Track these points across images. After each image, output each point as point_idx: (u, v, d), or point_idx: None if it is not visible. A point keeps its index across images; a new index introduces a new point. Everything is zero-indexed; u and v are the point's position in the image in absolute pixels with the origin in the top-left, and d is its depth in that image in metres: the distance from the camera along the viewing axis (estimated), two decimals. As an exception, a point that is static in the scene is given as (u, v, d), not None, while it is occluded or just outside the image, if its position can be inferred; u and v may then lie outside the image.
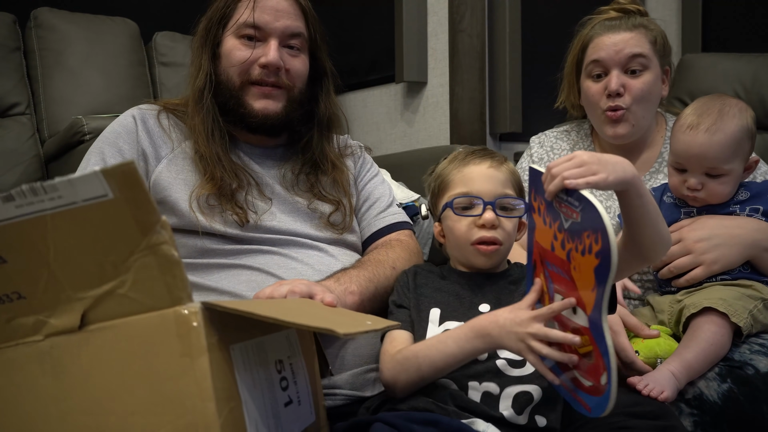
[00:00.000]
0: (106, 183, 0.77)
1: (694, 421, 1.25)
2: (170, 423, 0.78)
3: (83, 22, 2.68)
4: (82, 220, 0.79)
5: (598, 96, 1.58)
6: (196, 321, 0.79)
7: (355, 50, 3.16)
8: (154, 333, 0.80)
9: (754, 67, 2.32)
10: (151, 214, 0.79)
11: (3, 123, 2.52)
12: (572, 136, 1.74)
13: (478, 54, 2.74)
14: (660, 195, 1.50)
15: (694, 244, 1.41)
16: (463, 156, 1.26)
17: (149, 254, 0.80)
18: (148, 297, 0.80)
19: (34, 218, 0.79)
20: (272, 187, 1.40)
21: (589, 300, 0.94)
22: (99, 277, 0.81)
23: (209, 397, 0.78)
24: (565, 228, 0.96)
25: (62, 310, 0.82)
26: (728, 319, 1.30)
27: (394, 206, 1.55)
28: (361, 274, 1.31)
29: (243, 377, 0.85)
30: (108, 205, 0.78)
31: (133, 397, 0.80)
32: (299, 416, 0.97)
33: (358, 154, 1.58)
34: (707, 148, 1.38)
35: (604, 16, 1.62)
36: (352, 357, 1.26)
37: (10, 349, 0.84)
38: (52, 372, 0.82)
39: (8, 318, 0.83)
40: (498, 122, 2.78)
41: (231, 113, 1.40)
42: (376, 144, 3.01)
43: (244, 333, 0.88)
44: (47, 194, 0.78)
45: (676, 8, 2.87)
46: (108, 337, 0.81)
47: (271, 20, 1.39)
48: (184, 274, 0.80)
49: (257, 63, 1.38)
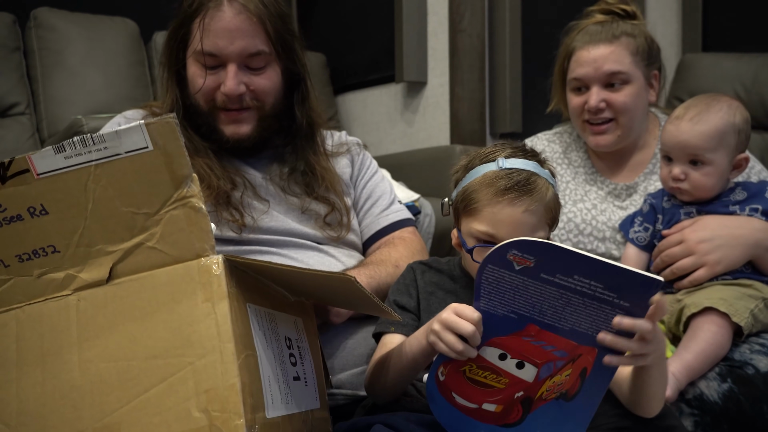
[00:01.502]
0: (147, 135, 0.82)
1: (694, 421, 1.25)
2: (190, 364, 0.81)
3: (83, 21, 2.68)
4: (121, 171, 0.83)
5: (579, 109, 1.60)
6: (218, 269, 0.83)
7: (355, 50, 3.16)
8: (178, 282, 0.84)
9: (754, 67, 2.32)
10: (184, 168, 0.84)
11: (3, 123, 2.52)
12: (565, 138, 1.74)
13: (478, 54, 2.74)
14: (660, 200, 1.50)
15: (697, 245, 1.40)
16: (503, 187, 1.09)
17: (179, 206, 0.84)
18: (175, 249, 0.85)
19: (78, 169, 0.84)
20: (266, 188, 1.39)
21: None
22: (130, 229, 0.85)
23: (228, 338, 0.81)
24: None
25: (92, 264, 0.86)
26: (729, 319, 1.30)
27: (395, 203, 1.54)
28: (362, 272, 1.31)
29: (258, 334, 0.88)
30: (147, 156, 0.83)
31: (154, 341, 0.83)
32: (305, 395, 0.98)
33: (356, 151, 1.55)
34: (689, 136, 1.40)
35: (591, 21, 1.61)
36: (351, 357, 1.26)
37: (39, 305, 0.87)
38: (76, 323, 0.85)
39: (41, 272, 0.87)
40: (498, 122, 2.78)
41: (206, 136, 1.37)
42: (376, 144, 3.01)
43: (258, 298, 0.91)
44: (95, 145, 0.83)
45: (676, 8, 2.86)
46: (133, 288, 0.85)
47: (226, 44, 1.30)
48: (209, 226, 0.85)
49: (219, 90, 1.33)
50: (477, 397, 0.97)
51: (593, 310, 0.89)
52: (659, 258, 1.45)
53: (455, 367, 0.97)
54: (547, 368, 0.94)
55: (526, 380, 0.95)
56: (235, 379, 0.80)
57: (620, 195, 1.63)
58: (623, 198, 1.62)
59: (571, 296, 0.89)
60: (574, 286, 0.88)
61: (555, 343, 0.93)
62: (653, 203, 1.50)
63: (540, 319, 0.92)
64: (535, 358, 0.94)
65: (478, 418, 0.98)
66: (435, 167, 2.48)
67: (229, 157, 1.40)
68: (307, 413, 0.98)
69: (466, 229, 1.13)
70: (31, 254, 0.86)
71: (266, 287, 0.96)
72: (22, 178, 0.84)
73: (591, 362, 0.91)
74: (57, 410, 0.83)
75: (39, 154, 0.83)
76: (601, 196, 1.63)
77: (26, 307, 0.87)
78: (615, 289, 0.87)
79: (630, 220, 1.54)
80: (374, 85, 3.11)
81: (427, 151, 2.65)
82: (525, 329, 0.94)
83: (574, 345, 0.92)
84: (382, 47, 3.01)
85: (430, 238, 2.17)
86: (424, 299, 1.18)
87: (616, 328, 0.89)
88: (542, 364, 0.94)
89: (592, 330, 0.90)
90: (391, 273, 1.33)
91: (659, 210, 1.49)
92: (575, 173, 1.68)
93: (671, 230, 1.45)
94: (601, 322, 0.89)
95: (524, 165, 1.12)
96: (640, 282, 0.86)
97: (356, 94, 3.19)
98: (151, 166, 0.83)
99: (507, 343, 0.95)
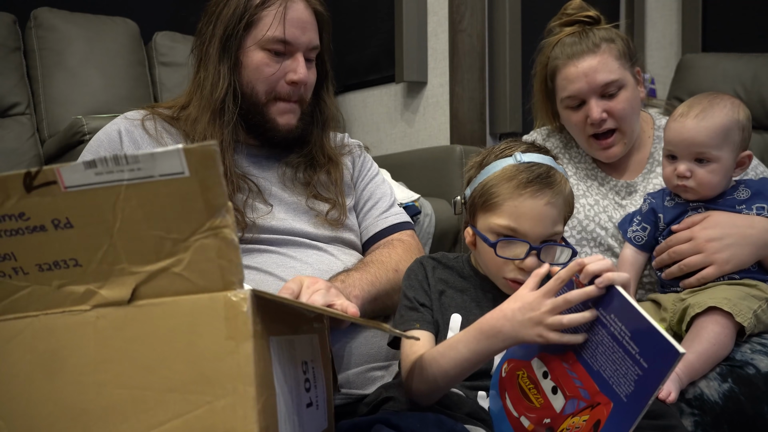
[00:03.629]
0: (185, 161, 0.79)
1: (695, 421, 1.25)
2: (208, 403, 0.79)
3: (83, 22, 2.68)
4: (153, 194, 0.81)
5: (581, 125, 1.57)
6: (245, 307, 0.80)
7: (355, 50, 3.17)
8: (202, 314, 0.81)
9: (754, 67, 2.33)
10: (220, 197, 0.80)
11: (3, 123, 2.52)
12: (564, 134, 1.74)
13: (478, 54, 2.74)
14: (662, 200, 1.50)
15: (706, 243, 1.40)
16: (525, 180, 1.09)
17: (210, 236, 0.81)
18: (202, 278, 0.82)
19: (109, 187, 0.81)
20: (271, 190, 1.40)
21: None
22: (157, 253, 0.82)
23: (251, 381, 0.79)
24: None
25: (115, 282, 0.83)
26: (732, 319, 1.30)
27: (395, 206, 1.55)
28: (364, 278, 1.30)
29: (277, 370, 0.86)
30: (182, 182, 0.80)
31: (172, 373, 0.80)
32: (316, 420, 0.97)
33: (358, 153, 1.56)
34: (695, 132, 1.39)
35: (560, 36, 1.59)
36: (354, 356, 1.26)
37: (56, 316, 0.84)
38: (93, 342, 0.83)
39: (60, 284, 0.84)
40: (498, 122, 2.78)
41: (253, 126, 1.39)
42: (376, 144, 3.02)
43: (280, 327, 0.89)
44: (128, 165, 0.80)
45: (676, 8, 2.87)
46: (155, 313, 0.82)
47: (299, 35, 1.36)
48: (240, 259, 0.82)
49: (285, 79, 1.36)
50: (520, 407, 0.98)
51: (619, 359, 0.87)
52: (666, 253, 1.44)
53: (515, 369, 0.98)
54: (572, 404, 0.93)
55: (555, 408, 0.94)
56: (254, 425, 0.77)
57: (620, 192, 1.63)
58: (623, 196, 1.62)
59: (605, 336, 0.88)
60: (609, 325, 0.88)
61: (583, 381, 0.92)
62: (653, 203, 1.50)
63: (579, 350, 0.91)
64: (566, 388, 0.93)
65: (513, 426, 0.99)
66: (435, 167, 2.48)
67: (239, 155, 1.40)
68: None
69: (485, 225, 1.12)
70: (51, 265, 0.84)
71: (287, 308, 0.94)
72: (48, 189, 0.81)
73: (605, 416, 0.89)
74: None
75: (69, 168, 0.81)
76: (603, 192, 1.63)
77: (42, 317, 0.85)
78: (639, 343, 0.85)
79: (629, 219, 1.54)
80: (374, 85, 3.11)
81: (427, 151, 2.65)
82: (566, 354, 0.93)
83: (596, 390, 0.90)
84: (382, 47, 3.01)
85: (430, 238, 2.18)
86: (435, 297, 1.17)
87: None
88: (570, 398, 0.93)
89: (613, 380, 0.89)
90: (391, 278, 1.33)
91: (659, 210, 1.49)
92: (576, 169, 1.68)
93: (680, 226, 1.45)
94: (622, 375, 0.87)
95: (542, 159, 1.13)
96: (662, 345, 0.83)
97: (356, 94, 3.19)
98: (185, 192, 0.80)
99: (551, 362, 0.95)
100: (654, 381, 0.84)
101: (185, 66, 1.55)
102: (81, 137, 2.14)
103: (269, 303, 0.85)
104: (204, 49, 1.40)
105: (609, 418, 0.88)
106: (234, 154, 1.38)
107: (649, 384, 0.84)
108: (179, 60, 2.78)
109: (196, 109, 1.38)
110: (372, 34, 3.10)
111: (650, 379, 0.84)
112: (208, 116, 1.35)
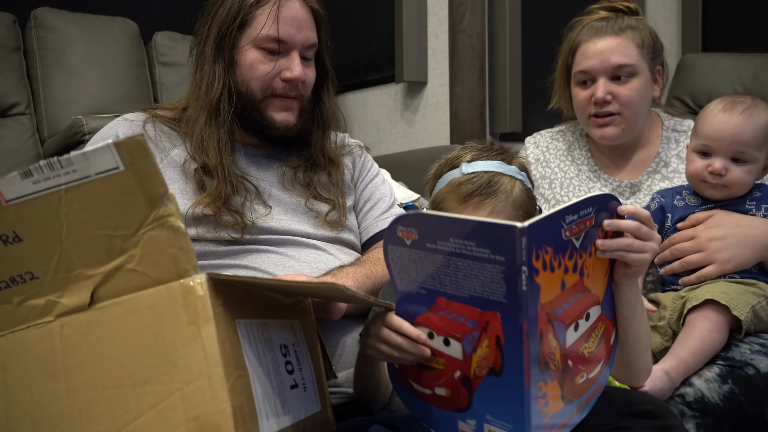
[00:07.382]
0: (117, 155, 0.79)
1: (696, 423, 1.25)
2: (178, 390, 0.80)
3: (83, 22, 2.68)
4: (94, 194, 0.81)
5: (585, 102, 1.59)
6: (201, 290, 0.81)
7: (355, 50, 3.16)
8: (162, 305, 0.82)
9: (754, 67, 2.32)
10: (158, 186, 0.81)
11: (3, 123, 2.52)
12: (568, 137, 1.74)
13: (478, 54, 2.74)
14: (671, 199, 1.49)
15: (708, 242, 1.40)
16: (466, 193, 1.11)
17: (157, 227, 0.82)
18: (156, 270, 0.82)
19: (49, 194, 0.81)
20: (270, 192, 1.40)
21: (601, 288, 0.95)
22: (108, 252, 0.83)
23: (216, 362, 0.79)
24: (576, 247, 0.92)
25: (73, 288, 0.84)
26: (725, 315, 1.30)
27: (395, 207, 1.55)
28: (358, 271, 1.31)
29: (248, 352, 0.86)
30: (118, 177, 0.80)
31: (142, 368, 0.81)
32: (304, 402, 0.98)
33: (358, 153, 1.56)
34: (741, 129, 1.38)
35: (594, 17, 1.62)
36: (349, 355, 1.26)
37: (22, 332, 0.85)
38: (61, 351, 0.83)
39: (20, 300, 0.85)
40: (498, 122, 2.78)
41: (250, 124, 1.39)
42: (376, 144, 3.01)
43: (249, 311, 0.89)
44: (63, 168, 0.80)
45: (676, 8, 2.86)
46: (117, 313, 0.83)
47: (294, 33, 1.37)
48: (190, 245, 0.82)
49: (280, 77, 1.37)
50: (427, 382, 0.97)
51: (479, 271, 0.87)
52: (668, 250, 1.44)
53: None
54: (468, 341, 0.92)
55: (457, 357, 0.94)
56: (226, 404, 0.78)
57: (624, 193, 1.63)
58: (626, 196, 1.62)
59: (456, 261, 0.87)
60: (453, 249, 0.87)
61: (464, 313, 0.91)
62: (662, 202, 1.49)
63: (443, 290, 0.91)
64: (454, 331, 0.93)
65: (435, 404, 0.98)
66: (435, 167, 2.47)
67: (238, 155, 1.40)
68: (306, 420, 0.97)
69: None
70: (8, 282, 0.84)
71: (258, 295, 0.94)
72: None
73: (500, 327, 0.88)
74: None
75: (5, 181, 0.80)
76: (606, 192, 1.63)
77: (9, 336, 0.85)
78: (485, 245, 0.84)
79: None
80: (374, 85, 3.11)
81: (427, 151, 2.65)
82: (436, 303, 0.93)
83: (478, 312, 0.89)
84: (382, 47, 3.01)
85: (430, 238, 2.17)
86: None
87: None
88: (462, 338, 0.93)
89: (486, 293, 0.87)
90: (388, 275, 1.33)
91: (668, 209, 1.48)
92: (579, 170, 1.68)
93: (684, 223, 1.45)
94: (490, 282, 0.86)
95: (487, 166, 1.13)
96: (498, 231, 0.83)
97: (356, 94, 3.19)
98: (123, 187, 0.80)
99: (429, 320, 0.95)
100: (515, 265, 0.83)
101: (185, 66, 1.55)
102: (81, 137, 2.15)
103: (234, 289, 0.86)
104: (200, 49, 1.40)
105: (502, 326, 0.87)
106: (233, 154, 1.38)
107: (514, 270, 0.83)
108: (179, 60, 2.77)
109: (194, 110, 1.38)
110: (372, 34, 3.10)
111: (512, 267, 0.83)
112: (205, 117, 1.35)
